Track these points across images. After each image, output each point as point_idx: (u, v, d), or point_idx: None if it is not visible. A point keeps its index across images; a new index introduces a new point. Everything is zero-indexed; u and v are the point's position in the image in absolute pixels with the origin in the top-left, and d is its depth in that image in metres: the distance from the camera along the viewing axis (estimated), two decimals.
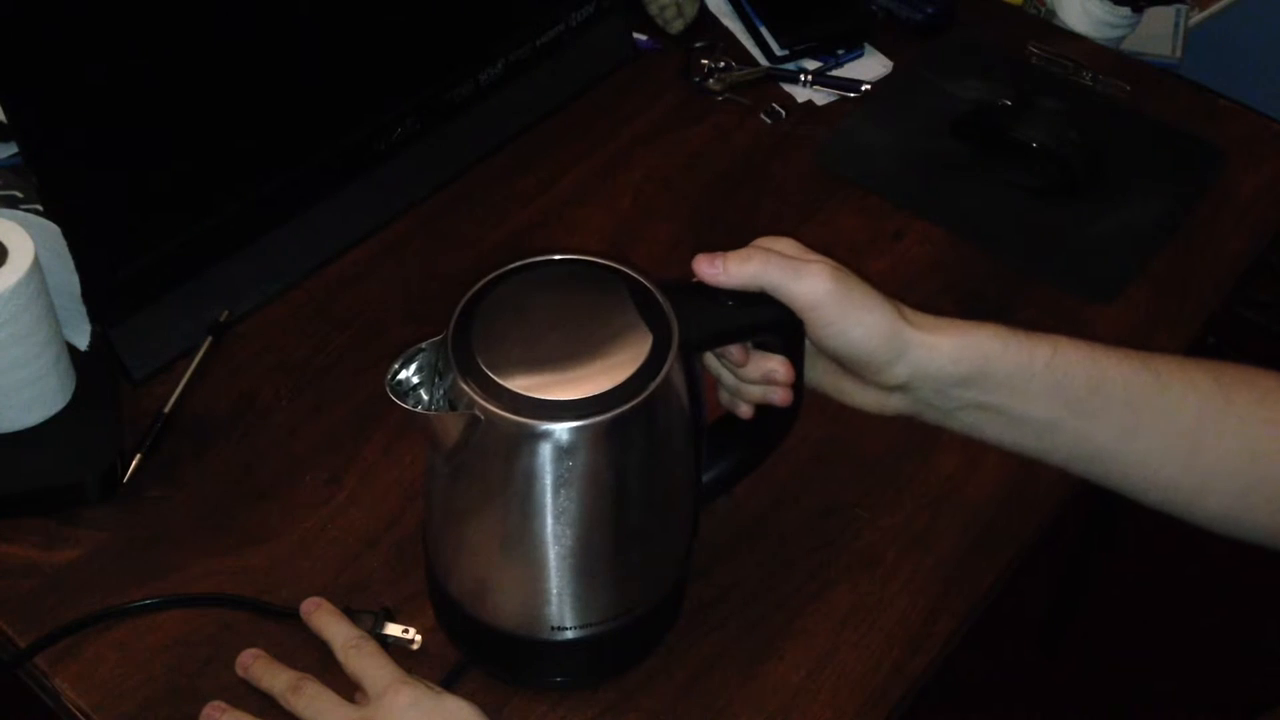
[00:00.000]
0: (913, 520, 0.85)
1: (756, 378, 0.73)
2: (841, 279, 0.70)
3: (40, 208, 0.92)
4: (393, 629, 0.77)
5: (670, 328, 0.66)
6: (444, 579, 0.74)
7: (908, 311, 0.71)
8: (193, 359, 0.90)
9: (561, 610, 0.71)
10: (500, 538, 0.69)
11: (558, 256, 0.69)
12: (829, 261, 0.71)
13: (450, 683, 0.75)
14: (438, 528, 0.73)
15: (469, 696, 0.72)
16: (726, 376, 0.75)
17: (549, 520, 0.67)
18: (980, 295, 0.99)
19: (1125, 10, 1.24)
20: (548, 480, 0.65)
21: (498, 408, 0.63)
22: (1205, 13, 1.62)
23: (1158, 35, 1.39)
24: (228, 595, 0.79)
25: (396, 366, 0.66)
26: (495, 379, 0.63)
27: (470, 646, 0.76)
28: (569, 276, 0.69)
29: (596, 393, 0.63)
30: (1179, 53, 1.40)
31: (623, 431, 0.64)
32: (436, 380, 0.66)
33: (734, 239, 1.04)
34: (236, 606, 0.78)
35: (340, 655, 0.74)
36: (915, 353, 0.70)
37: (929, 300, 0.98)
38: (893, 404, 0.74)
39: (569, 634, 0.72)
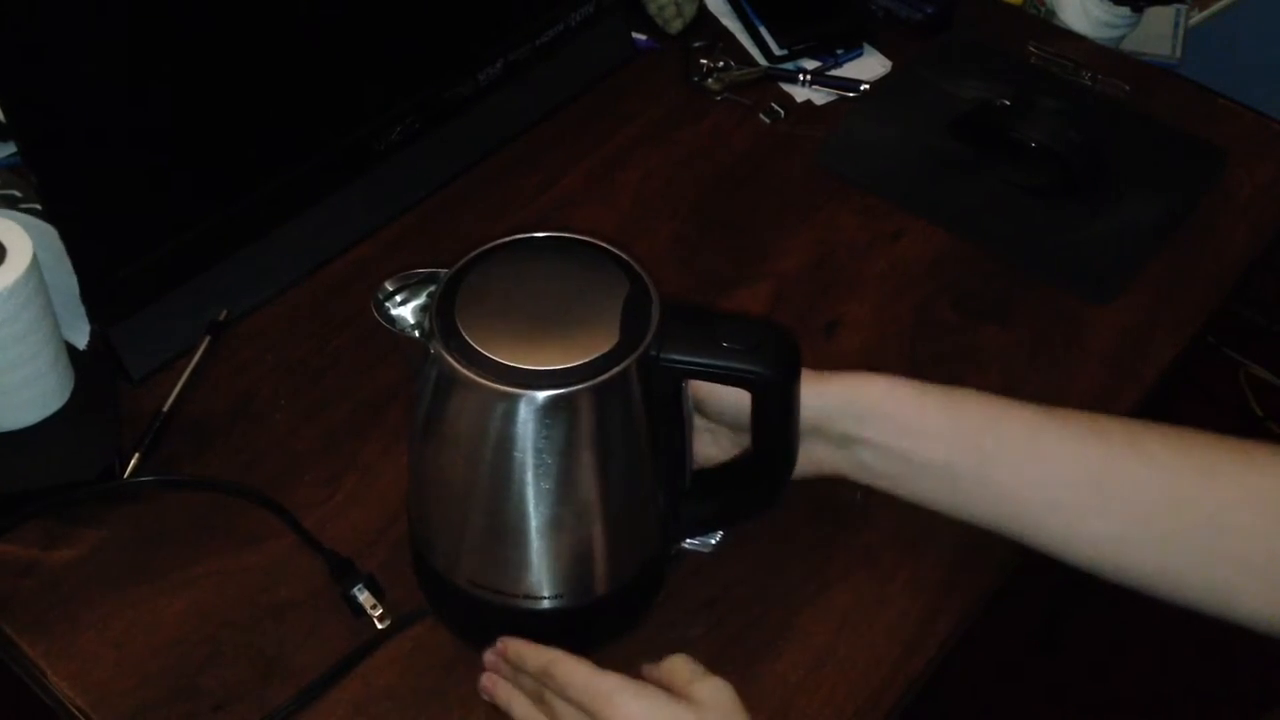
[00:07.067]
0: (913, 520, 0.84)
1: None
2: None
3: (39, 207, 0.92)
4: (366, 598, 0.77)
5: (643, 338, 0.66)
6: (415, 537, 0.76)
7: (809, 371, 0.74)
8: (192, 359, 0.90)
9: (501, 571, 0.72)
10: (435, 483, 0.72)
11: (587, 238, 0.71)
12: None
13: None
14: (410, 483, 0.76)
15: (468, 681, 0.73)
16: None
17: (469, 471, 0.68)
18: (980, 295, 0.99)
19: (1125, 10, 1.24)
20: (477, 431, 0.66)
21: (445, 350, 0.65)
22: (1205, 13, 1.62)
23: (1158, 35, 1.39)
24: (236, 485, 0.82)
25: (390, 288, 0.69)
26: (459, 328, 0.65)
27: (439, 609, 0.78)
28: (581, 256, 0.70)
29: (537, 367, 0.64)
30: (1179, 53, 1.40)
31: (546, 411, 0.65)
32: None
33: (734, 239, 1.04)
34: (237, 494, 0.82)
35: (549, 685, 0.70)
36: (811, 394, 0.73)
37: (929, 300, 0.99)
38: (820, 455, 0.77)
39: (517, 601, 0.72)
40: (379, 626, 0.77)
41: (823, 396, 0.75)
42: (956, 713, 1.53)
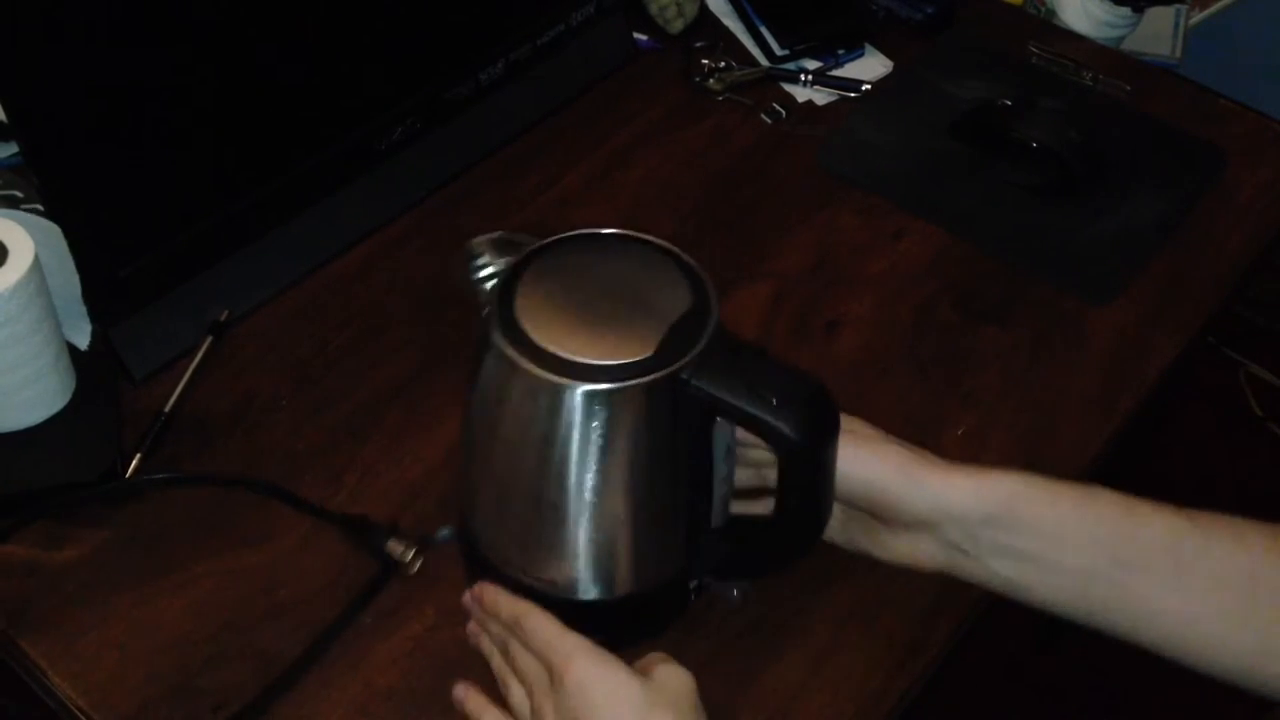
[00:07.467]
0: None
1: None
2: (852, 424, 0.70)
3: (40, 207, 0.92)
4: (394, 545, 0.79)
5: (676, 360, 0.65)
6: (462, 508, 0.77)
7: (928, 453, 0.70)
8: (193, 359, 0.90)
9: (510, 545, 0.73)
10: (467, 444, 0.73)
11: (673, 248, 0.70)
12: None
13: None
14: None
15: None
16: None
17: (488, 440, 0.70)
18: (979, 295, 0.99)
19: (1125, 10, 1.24)
20: (514, 415, 0.67)
21: (498, 327, 0.65)
22: (1205, 13, 1.62)
23: (1158, 35, 1.39)
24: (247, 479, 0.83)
25: (476, 250, 0.75)
26: (516, 304, 0.66)
27: (472, 576, 0.78)
28: (659, 263, 0.70)
29: (569, 357, 0.64)
30: (1179, 53, 1.40)
31: (564, 402, 0.65)
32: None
33: (734, 239, 1.04)
34: (244, 486, 0.83)
35: (516, 634, 0.71)
36: (933, 485, 0.69)
37: (929, 300, 0.99)
38: (925, 550, 0.72)
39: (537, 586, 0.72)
40: (413, 571, 0.79)
41: (947, 494, 0.69)
42: (956, 713, 1.53)
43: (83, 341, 0.89)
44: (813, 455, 0.67)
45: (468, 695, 0.73)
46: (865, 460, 0.71)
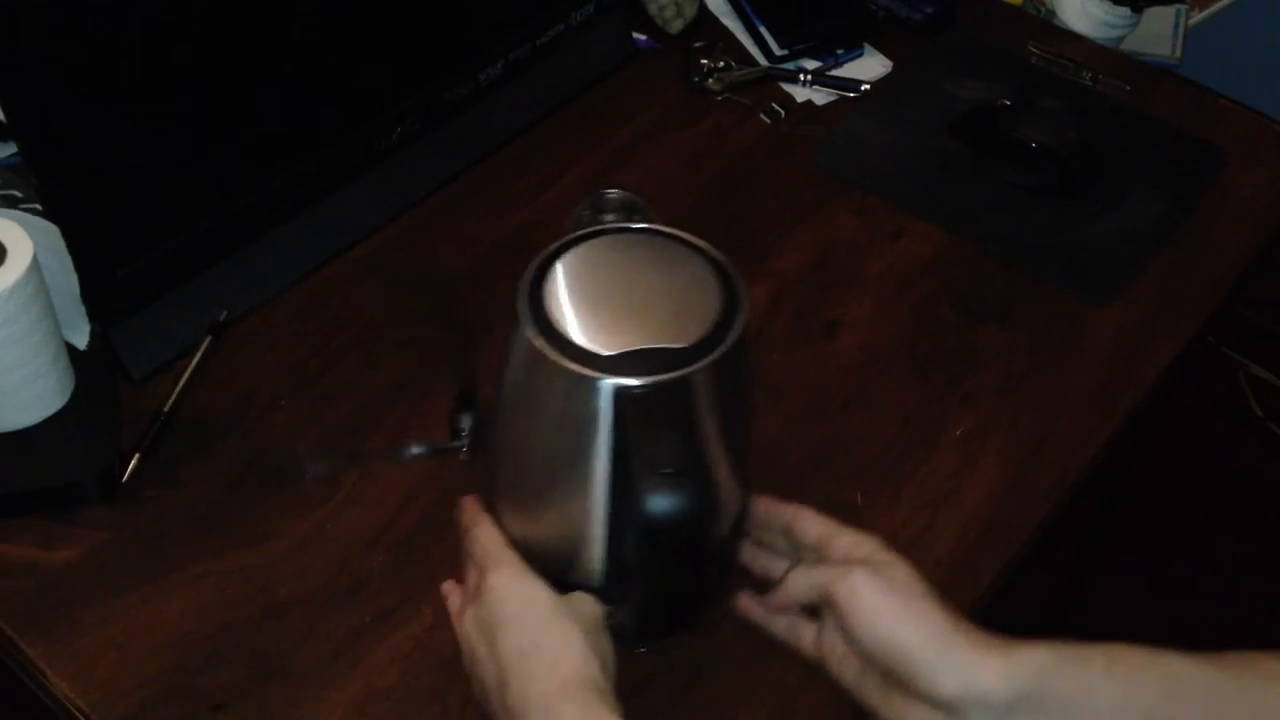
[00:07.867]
0: (912, 520, 0.85)
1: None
2: (896, 570, 0.68)
3: (40, 207, 0.92)
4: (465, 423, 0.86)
5: (636, 373, 0.65)
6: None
7: (964, 621, 0.67)
8: (192, 359, 0.90)
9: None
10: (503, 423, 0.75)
11: (731, 270, 0.70)
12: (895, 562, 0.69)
13: None
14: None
15: None
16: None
17: (517, 416, 0.72)
18: (979, 295, 0.99)
19: (1125, 10, 1.24)
20: (525, 384, 0.69)
21: (525, 304, 0.67)
22: (1205, 13, 1.62)
23: (1158, 35, 1.39)
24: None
25: (606, 201, 0.81)
26: (545, 282, 0.67)
27: None
28: (709, 280, 0.69)
29: (560, 325, 0.65)
30: (1179, 53, 1.40)
31: (541, 364, 0.66)
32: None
33: (733, 239, 1.03)
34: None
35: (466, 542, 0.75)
36: (964, 662, 0.65)
37: (929, 300, 0.99)
38: None
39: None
40: (459, 453, 0.86)
41: (976, 677, 0.65)
42: None
43: (82, 341, 0.89)
44: (658, 543, 0.65)
45: (451, 592, 0.75)
46: (900, 621, 0.66)
